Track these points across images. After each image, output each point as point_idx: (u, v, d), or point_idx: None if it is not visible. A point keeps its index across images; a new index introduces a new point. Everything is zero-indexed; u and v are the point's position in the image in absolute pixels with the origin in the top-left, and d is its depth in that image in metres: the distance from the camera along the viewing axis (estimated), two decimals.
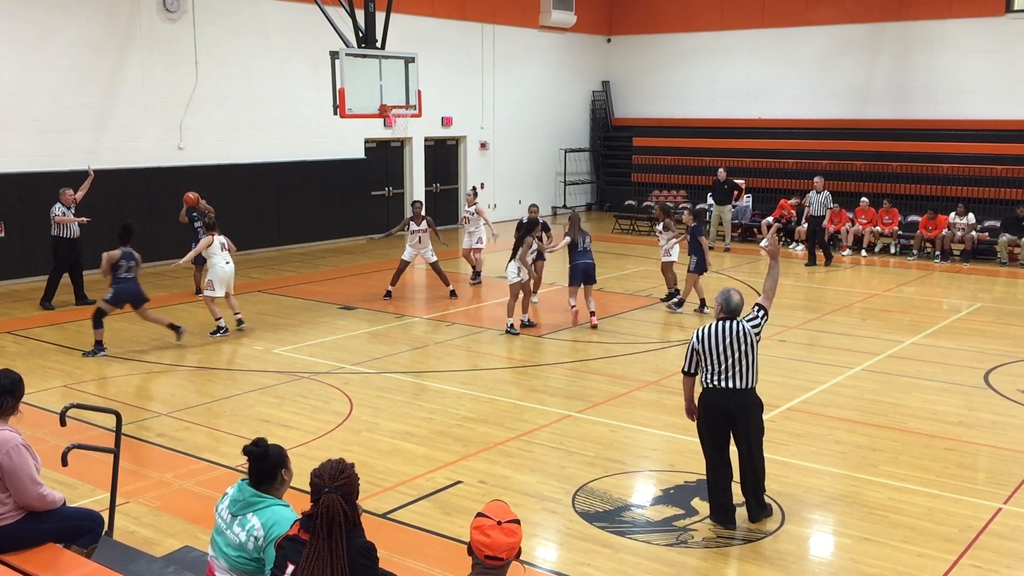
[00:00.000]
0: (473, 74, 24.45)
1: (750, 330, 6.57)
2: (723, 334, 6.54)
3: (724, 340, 6.52)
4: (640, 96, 28.22)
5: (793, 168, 23.05)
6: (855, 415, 9.32)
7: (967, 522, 6.82)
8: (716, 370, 6.53)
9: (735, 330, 6.55)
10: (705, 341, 6.58)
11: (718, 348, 6.53)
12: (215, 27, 18.62)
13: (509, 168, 25.51)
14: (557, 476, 7.68)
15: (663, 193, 24.34)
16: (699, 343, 6.60)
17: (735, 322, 6.61)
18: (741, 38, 25.88)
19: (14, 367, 5.75)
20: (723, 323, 6.60)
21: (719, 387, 6.53)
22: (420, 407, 9.59)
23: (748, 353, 6.52)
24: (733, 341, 6.51)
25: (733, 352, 6.51)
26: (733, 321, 6.62)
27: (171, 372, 10.97)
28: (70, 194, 14.49)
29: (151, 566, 5.25)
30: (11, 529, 5.11)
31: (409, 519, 6.83)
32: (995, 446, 8.45)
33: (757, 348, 6.60)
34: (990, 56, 22.21)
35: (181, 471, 7.77)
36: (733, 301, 6.69)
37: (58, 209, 14.33)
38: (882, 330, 12.99)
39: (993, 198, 20.69)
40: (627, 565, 6.19)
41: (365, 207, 21.91)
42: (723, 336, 6.53)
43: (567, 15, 26.22)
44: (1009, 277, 17.69)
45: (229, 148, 19.09)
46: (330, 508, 3.71)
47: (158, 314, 12.31)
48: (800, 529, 6.76)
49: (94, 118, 17.05)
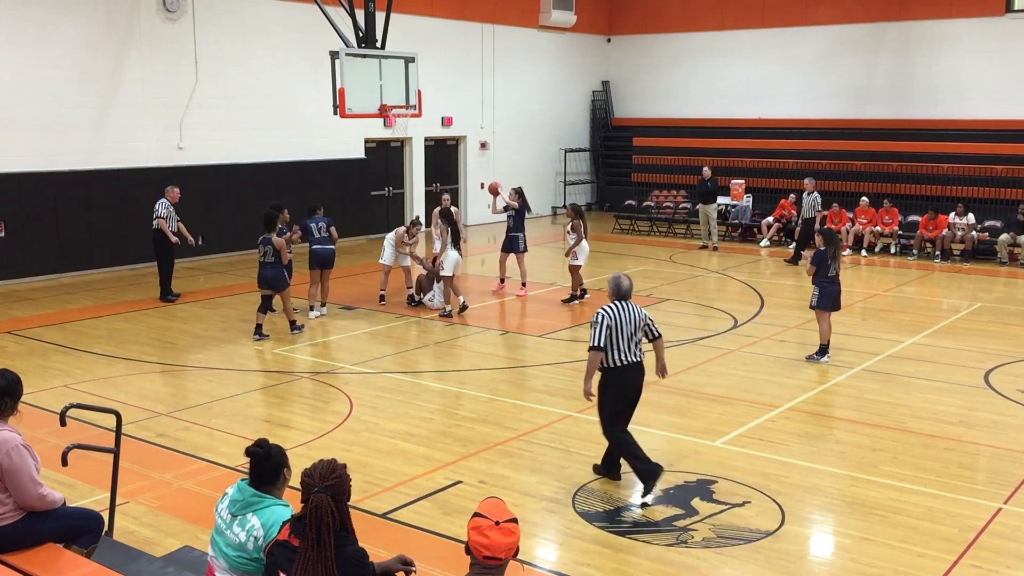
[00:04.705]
0: (473, 74, 24.45)
1: (645, 314, 7.43)
2: (629, 314, 7.29)
3: (632, 320, 7.29)
4: (640, 96, 28.23)
5: (793, 168, 23.05)
6: (855, 415, 9.32)
7: (967, 522, 6.82)
8: (625, 347, 7.25)
9: (636, 311, 7.35)
10: (618, 320, 7.23)
11: (628, 327, 7.26)
12: (215, 27, 18.62)
13: (509, 168, 25.49)
14: (557, 476, 7.68)
15: (663, 193, 24.35)
16: (613, 320, 7.21)
17: (632, 305, 7.38)
18: (741, 38, 25.88)
19: (14, 367, 5.75)
20: (625, 304, 7.33)
21: (632, 362, 7.29)
22: (420, 407, 9.59)
23: (640, 331, 7.36)
24: (636, 320, 7.31)
25: (637, 330, 7.32)
26: (630, 303, 7.38)
27: (171, 372, 10.97)
28: (176, 192, 14.42)
29: (151, 566, 5.25)
30: (11, 529, 5.11)
31: (409, 519, 6.83)
32: (995, 446, 8.44)
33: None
34: (990, 56, 22.21)
35: (181, 471, 7.77)
36: (624, 286, 7.40)
37: (162, 208, 14.20)
38: (882, 330, 12.99)
39: (993, 198, 20.68)
40: (627, 565, 6.19)
41: (365, 207, 21.93)
42: (630, 316, 7.29)
43: (567, 15, 26.23)
44: (1009, 277, 17.69)
45: (229, 148, 19.09)
46: (319, 508, 3.71)
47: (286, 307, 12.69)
48: (800, 529, 6.76)
49: (94, 118, 17.05)
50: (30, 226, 16.26)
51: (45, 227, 16.53)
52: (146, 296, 15.07)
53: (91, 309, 14.18)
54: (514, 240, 15.20)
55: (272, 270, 12.27)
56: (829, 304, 11.07)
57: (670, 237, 22.62)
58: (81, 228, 16.99)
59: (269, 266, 12.25)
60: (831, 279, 11.04)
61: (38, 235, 16.43)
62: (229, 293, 15.42)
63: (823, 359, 11.16)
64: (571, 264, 14.53)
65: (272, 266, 12.25)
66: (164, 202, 14.26)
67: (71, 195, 16.72)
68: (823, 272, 11.00)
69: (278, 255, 12.21)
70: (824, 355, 11.19)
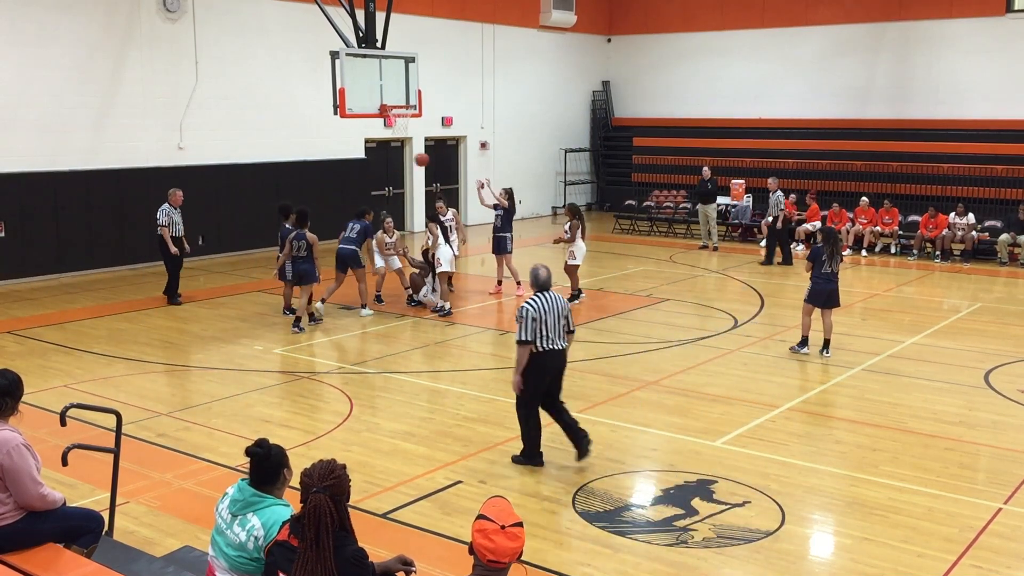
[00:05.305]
0: (473, 74, 24.45)
1: (567, 304, 7.85)
2: (552, 304, 7.66)
3: (555, 309, 7.65)
4: (640, 96, 28.22)
5: (793, 168, 23.05)
6: (855, 415, 9.32)
7: (967, 522, 6.82)
8: (549, 336, 7.63)
9: (558, 300, 7.74)
10: (542, 311, 7.59)
11: (552, 316, 7.63)
12: (215, 27, 18.62)
13: (509, 168, 25.48)
14: (557, 476, 7.68)
15: (663, 193, 24.35)
16: (537, 312, 7.58)
17: (554, 295, 7.77)
18: (741, 38, 25.87)
19: (14, 367, 5.75)
20: (548, 294, 7.72)
21: (553, 349, 7.67)
22: (420, 407, 9.59)
23: (563, 318, 7.72)
24: (559, 309, 7.69)
25: (559, 319, 7.67)
26: (551, 293, 7.76)
27: (171, 372, 10.97)
28: (179, 196, 14.26)
29: (151, 566, 5.24)
30: (11, 529, 5.11)
31: (409, 519, 6.83)
32: (995, 446, 8.44)
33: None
34: (990, 56, 22.21)
35: (181, 471, 7.77)
36: (541, 276, 7.83)
37: (163, 216, 14.01)
38: (882, 330, 12.99)
39: (993, 198, 20.68)
40: (627, 565, 6.19)
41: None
42: (552, 306, 7.66)
43: (567, 15, 26.22)
44: (1009, 277, 17.68)
45: (229, 148, 19.09)
46: (317, 508, 3.71)
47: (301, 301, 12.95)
48: (800, 529, 6.76)
49: (94, 118, 17.05)
50: (30, 226, 16.26)
51: (45, 227, 16.53)
52: (146, 296, 15.07)
53: (91, 309, 14.18)
54: (502, 241, 15.25)
55: (305, 264, 12.74)
56: (816, 300, 11.39)
57: (670, 237, 22.62)
58: (81, 228, 16.99)
59: (302, 260, 12.73)
60: (824, 276, 11.29)
61: (38, 235, 16.43)
62: (229, 293, 15.42)
63: (803, 350, 11.56)
64: (568, 264, 14.57)
65: (305, 260, 12.73)
66: (165, 208, 14.06)
67: (71, 195, 16.71)
68: (817, 268, 11.32)
69: (311, 249, 12.68)
70: (804, 347, 11.59)
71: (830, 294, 11.33)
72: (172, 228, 14.08)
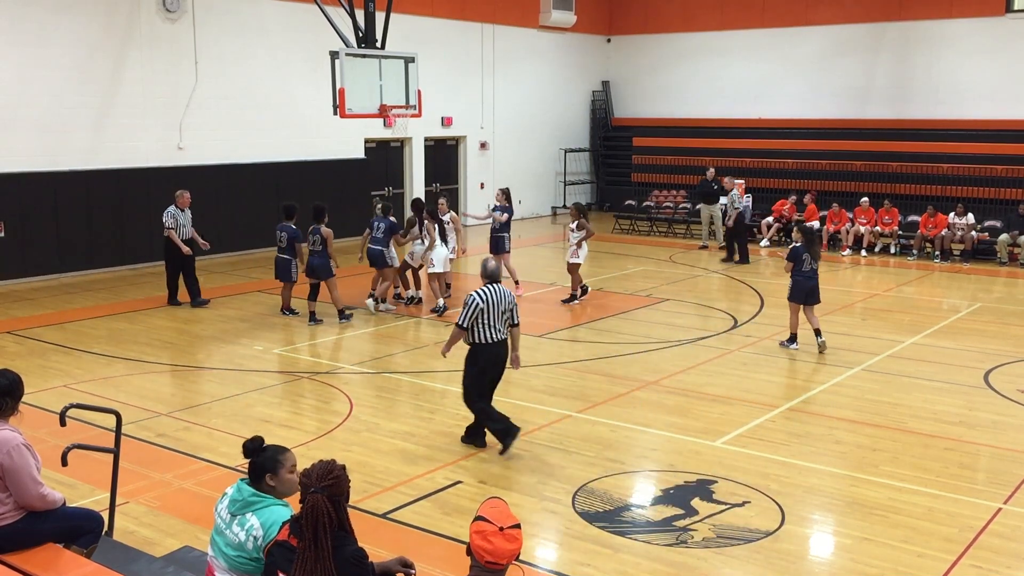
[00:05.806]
0: (473, 74, 24.45)
1: (513, 297, 8.20)
2: (499, 296, 8.00)
3: (501, 302, 8.00)
4: (640, 96, 28.22)
5: (793, 168, 23.05)
6: (855, 415, 9.32)
7: (967, 522, 6.82)
8: (494, 325, 7.98)
9: (505, 294, 8.07)
10: (488, 301, 7.93)
11: (498, 307, 7.98)
12: (215, 27, 18.62)
13: (509, 168, 25.50)
14: (557, 476, 7.68)
15: (663, 193, 24.35)
16: (484, 303, 7.92)
17: (502, 288, 8.08)
18: (741, 38, 25.87)
19: (14, 367, 5.75)
20: (496, 286, 8.05)
21: (498, 339, 8.03)
22: (420, 407, 9.59)
23: (507, 312, 8.07)
24: (505, 302, 8.04)
25: (504, 310, 8.02)
26: (499, 285, 8.08)
27: (171, 372, 10.97)
28: (187, 197, 14.14)
29: (151, 566, 5.24)
30: (11, 529, 5.11)
31: (409, 519, 6.83)
32: (995, 446, 8.44)
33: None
34: (990, 56, 22.21)
35: (181, 471, 7.77)
36: (490, 267, 8.18)
37: (168, 218, 13.92)
38: (882, 330, 12.99)
39: (993, 198, 20.69)
40: (627, 565, 6.19)
41: (365, 207, 21.88)
42: (499, 298, 8.00)
43: (567, 15, 26.22)
44: (1009, 277, 17.69)
45: (229, 148, 19.09)
46: (315, 509, 3.71)
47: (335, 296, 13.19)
48: (800, 529, 6.76)
49: (94, 118, 17.05)
50: (30, 226, 16.26)
51: (45, 227, 16.53)
52: (146, 296, 15.08)
53: (91, 309, 14.18)
54: (500, 241, 15.20)
55: (319, 259, 12.87)
56: (800, 297, 11.63)
57: (670, 237, 22.62)
58: (81, 228, 16.99)
59: (316, 255, 12.86)
60: (806, 274, 11.53)
61: (38, 235, 16.43)
62: (229, 293, 15.42)
63: (792, 346, 11.77)
64: (570, 263, 14.54)
65: (319, 255, 12.85)
66: (171, 210, 13.97)
67: (71, 195, 16.71)
68: (798, 267, 11.54)
69: (325, 244, 12.79)
70: (793, 343, 11.79)
71: (811, 290, 11.61)
72: (179, 230, 14.00)
